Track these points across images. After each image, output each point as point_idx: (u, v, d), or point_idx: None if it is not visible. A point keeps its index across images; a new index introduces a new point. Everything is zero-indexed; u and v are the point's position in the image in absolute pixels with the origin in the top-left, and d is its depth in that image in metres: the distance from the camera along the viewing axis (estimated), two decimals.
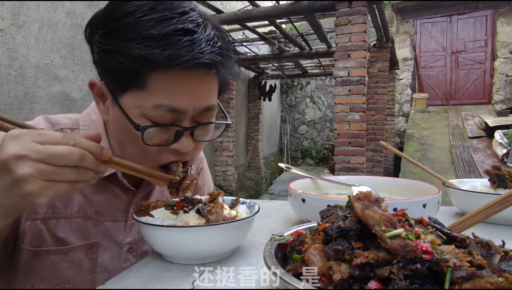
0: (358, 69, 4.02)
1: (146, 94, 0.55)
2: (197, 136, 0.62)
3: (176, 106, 0.56)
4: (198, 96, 0.58)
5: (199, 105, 0.59)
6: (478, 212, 0.52)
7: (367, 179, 1.01)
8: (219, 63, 0.56)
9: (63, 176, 0.46)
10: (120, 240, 0.73)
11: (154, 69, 0.53)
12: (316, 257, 0.39)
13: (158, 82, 0.54)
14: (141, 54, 0.51)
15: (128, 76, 0.54)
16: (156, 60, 0.51)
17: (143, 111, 0.56)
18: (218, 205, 0.63)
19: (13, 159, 0.43)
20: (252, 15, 4.63)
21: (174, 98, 0.55)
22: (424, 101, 9.27)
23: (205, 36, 0.54)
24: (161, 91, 0.55)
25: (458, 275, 0.34)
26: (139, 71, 0.53)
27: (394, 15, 9.58)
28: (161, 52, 0.51)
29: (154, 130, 0.57)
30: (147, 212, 0.62)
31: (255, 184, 7.94)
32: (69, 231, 0.68)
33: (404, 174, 5.71)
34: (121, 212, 0.73)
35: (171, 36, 0.52)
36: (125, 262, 0.73)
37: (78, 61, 3.76)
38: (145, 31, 0.52)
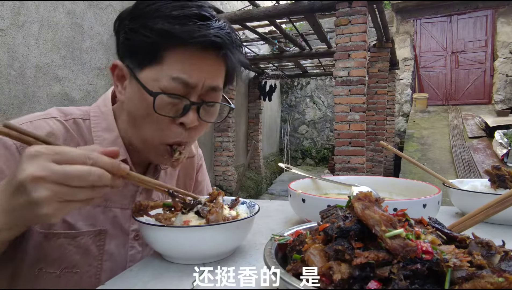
0: (358, 69, 4.02)
1: (163, 68, 0.62)
2: (202, 115, 0.67)
3: (188, 80, 0.62)
4: (207, 73, 0.64)
5: (207, 83, 0.65)
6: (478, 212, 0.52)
7: (367, 179, 1.01)
8: (227, 46, 0.64)
9: (79, 196, 0.47)
10: (126, 227, 0.74)
11: (173, 44, 0.61)
12: (316, 257, 0.39)
13: (174, 57, 0.62)
14: (164, 28, 0.60)
15: (149, 51, 0.62)
16: (176, 34, 0.60)
17: (159, 84, 0.62)
18: (218, 205, 0.63)
19: (30, 181, 0.43)
20: (252, 15, 4.63)
21: (187, 72, 0.62)
22: (424, 101, 9.27)
23: (218, 24, 0.63)
24: (177, 65, 0.62)
25: (458, 275, 0.34)
26: (159, 46, 0.61)
27: (394, 15, 9.58)
28: (180, 28, 0.60)
29: (164, 100, 0.63)
30: (145, 212, 0.62)
31: (255, 184, 7.94)
32: (78, 217, 0.69)
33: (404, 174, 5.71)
34: (128, 199, 0.75)
35: (190, 18, 0.61)
36: (131, 250, 0.74)
37: (78, 61, 3.76)
38: (168, 12, 0.61)
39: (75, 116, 0.73)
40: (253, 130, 8.57)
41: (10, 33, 3.06)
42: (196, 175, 0.95)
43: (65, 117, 0.72)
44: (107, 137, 0.72)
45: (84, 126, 0.73)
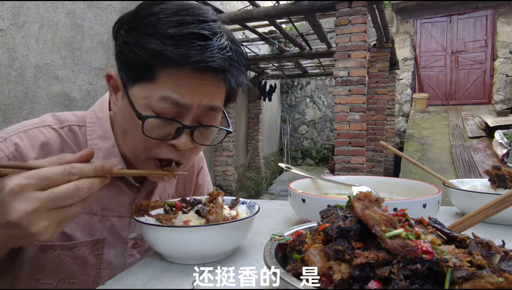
0: (358, 69, 4.02)
1: (154, 87, 0.58)
2: (196, 138, 0.63)
3: (180, 101, 0.58)
4: (203, 95, 0.60)
5: (203, 103, 0.61)
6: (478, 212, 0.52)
7: (367, 179, 1.01)
8: (227, 70, 0.59)
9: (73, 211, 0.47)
10: (125, 235, 0.73)
11: (166, 64, 0.57)
12: (316, 257, 0.39)
13: (167, 77, 0.58)
14: (156, 48, 0.55)
15: (141, 68, 0.58)
16: (167, 56, 0.55)
17: (150, 102, 0.59)
18: (218, 205, 0.63)
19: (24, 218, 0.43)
20: (252, 15, 4.63)
21: (180, 93, 0.58)
22: (424, 101, 9.27)
23: (219, 44, 0.57)
24: (169, 85, 0.58)
25: (458, 275, 0.34)
26: (152, 64, 0.57)
27: (394, 15, 9.57)
28: (173, 50, 0.55)
29: (155, 122, 0.59)
30: (146, 212, 0.62)
31: (255, 184, 7.94)
32: (75, 227, 0.68)
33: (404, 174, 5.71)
34: (126, 208, 0.73)
35: (186, 37, 0.56)
36: (129, 258, 0.73)
37: (78, 61, 3.76)
38: (163, 30, 0.56)
39: (70, 123, 0.72)
40: (253, 130, 8.57)
41: (10, 33, 3.06)
42: (196, 178, 0.94)
43: (60, 124, 0.71)
44: (103, 145, 0.70)
45: (80, 133, 0.71)
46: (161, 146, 0.63)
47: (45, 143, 0.66)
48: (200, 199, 0.68)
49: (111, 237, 0.72)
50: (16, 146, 0.63)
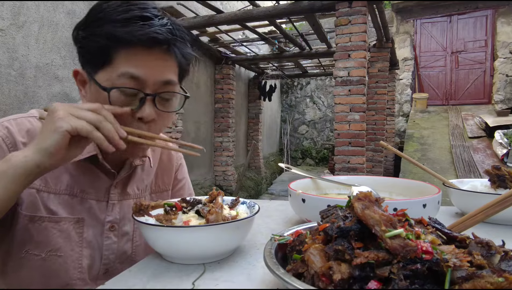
0: (358, 69, 4.02)
1: (113, 68, 0.67)
2: (159, 106, 0.71)
3: (137, 74, 0.67)
4: (156, 69, 0.69)
5: (158, 78, 0.69)
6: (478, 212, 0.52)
7: (367, 179, 1.01)
8: (171, 41, 0.68)
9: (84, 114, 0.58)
10: (102, 218, 0.79)
11: (119, 46, 0.66)
12: (316, 257, 0.39)
13: (122, 57, 0.67)
14: (108, 31, 0.65)
15: (100, 54, 0.67)
16: (119, 35, 0.65)
17: (112, 82, 0.67)
18: (218, 205, 0.63)
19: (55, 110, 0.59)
20: (252, 15, 4.63)
21: (135, 68, 0.67)
22: (424, 101, 9.27)
23: (160, 22, 0.67)
24: (125, 64, 0.67)
25: (458, 275, 0.34)
26: (108, 49, 0.66)
27: (394, 15, 9.58)
28: (122, 29, 0.65)
29: (118, 94, 0.68)
30: (146, 212, 0.62)
31: (255, 184, 7.94)
32: (59, 205, 0.74)
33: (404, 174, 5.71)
34: (103, 192, 0.79)
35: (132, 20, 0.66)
36: (106, 240, 0.79)
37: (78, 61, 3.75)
38: (113, 17, 0.66)
39: None
40: (253, 130, 8.57)
41: (10, 33, 3.06)
42: (175, 174, 0.99)
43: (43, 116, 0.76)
44: None
45: None
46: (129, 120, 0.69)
47: (31, 130, 0.74)
48: (200, 199, 0.68)
49: (90, 218, 0.77)
50: (7, 130, 0.71)
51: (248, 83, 8.46)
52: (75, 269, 0.74)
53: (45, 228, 0.72)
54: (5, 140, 0.70)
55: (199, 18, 4.78)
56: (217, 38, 5.88)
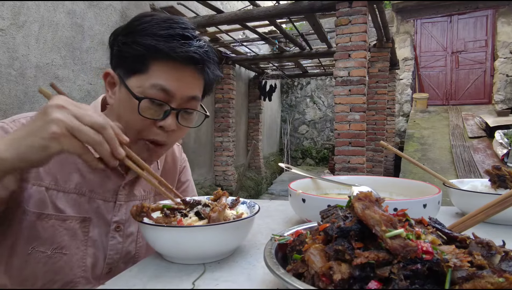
0: (359, 69, 4.02)
1: (147, 77, 0.71)
2: (180, 120, 0.75)
3: (168, 87, 0.71)
4: (186, 84, 0.74)
5: (186, 92, 0.74)
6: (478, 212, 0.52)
7: (367, 179, 1.01)
8: (205, 62, 0.74)
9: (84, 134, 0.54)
10: (109, 218, 0.80)
11: (157, 57, 0.70)
12: (316, 257, 0.39)
13: (158, 68, 0.71)
14: (151, 44, 0.69)
15: (137, 62, 0.71)
16: (160, 48, 0.69)
17: (143, 90, 0.71)
18: (222, 205, 0.63)
19: (54, 107, 0.54)
20: (252, 15, 4.63)
21: (167, 81, 0.71)
22: (424, 101, 9.26)
23: (198, 44, 0.73)
24: (159, 75, 0.71)
25: (459, 275, 0.34)
26: (146, 57, 0.70)
27: (394, 15, 9.57)
28: (165, 44, 0.70)
29: (148, 104, 0.71)
30: (148, 215, 0.62)
31: (255, 184, 7.94)
32: (66, 204, 0.75)
33: (405, 174, 5.71)
34: (111, 193, 0.80)
35: (174, 36, 0.71)
36: (112, 240, 0.80)
37: (78, 61, 3.76)
38: (156, 31, 0.71)
39: None
40: (253, 130, 8.57)
41: (10, 33, 3.06)
42: (179, 176, 1.01)
43: None
44: None
45: None
46: (151, 128, 0.74)
47: None
48: (200, 200, 0.68)
49: (97, 217, 0.78)
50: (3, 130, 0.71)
51: (248, 83, 8.46)
52: (79, 268, 0.75)
53: (52, 225, 0.73)
54: None
55: (200, 18, 4.78)
56: (217, 38, 5.88)
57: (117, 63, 0.76)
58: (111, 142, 0.56)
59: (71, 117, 0.54)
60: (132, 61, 0.72)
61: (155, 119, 0.73)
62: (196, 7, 5.30)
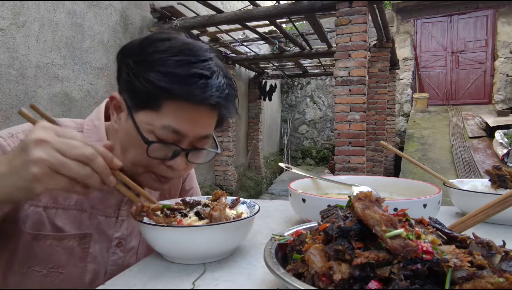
0: (359, 69, 4.02)
1: (158, 116, 0.66)
2: (190, 158, 0.71)
3: (180, 130, 0.66)
4: (199, 125, 0.69)
5: (198, 132, 0.69)
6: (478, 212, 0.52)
7: (368, 179, 1.01)
8: (222, 105, 0.68)
9: (68, 169, 0.49)
10: (110, 234, 0.78)
11: (171, 98, 0.64)
12: (317, 257, 0.39)
13: (170, 108, 0.65)
14: (165, 86, 0.63)
15: (148, 99, 0.66)
16: (175, 92, 0.64)
17: (153, 129, 0.66)
18: (222, 204, 0.63)
19: (35, 143, 0.48)
20: (252, 15, 4.62)
21: (180, 123, 0.66)
22: (424, 101, 9.26)
23: (216, 82, 0.66)
24: (171, 116, 0.65)
25: (459, 275, 0.34)
26: (159, 97, 0.65)
27: (394, 15, 9.57)
28: (180, 88, 0.63)
29: (157, 145, 0.67)
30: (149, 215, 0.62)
31: (255, 184, 7.94)
32: (66, 221, 0.73)
33: (405, 174, 5.71)
34: (113, 208, 0.78)
35: (191, 77, 0.64)
36: (113, 255, 0.78)
37: (78, 61, 3.76)
38: (171, 68, 0.64)
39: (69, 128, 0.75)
40: (253, 130, 8.56)
41: (11, 32, 3.06)
42: (183, 185, 0.99)
43: None
44: None
45: None
46: (159, 165, 0.70)
47: None
48: (200, 200, 0.68)
49: (98, 233, 0.76)
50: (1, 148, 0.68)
51: (248, 83, 8.46)
52: (76, 285, 0.73)
53: (49, 245, 0.71)
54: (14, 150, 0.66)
55: (200, 18, 4.77)
56: (217, 37, 5.88)
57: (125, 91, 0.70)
58: (101, 172, 0.53)
59: (53, 152, 0.48)
60: (143, 97, 0.66)
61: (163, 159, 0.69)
62: (196, 7, 5.30)
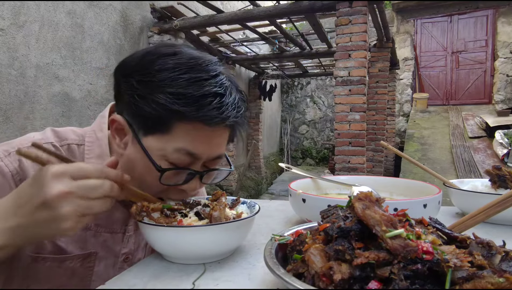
0: (359, 69, 4.02)
1: (169, 138, 0.61)
2: (204, 180, 0.69)
3: (194, 152, 0.63)
4: (213, 145, 0.66)
5: (213, 153, 0.66)
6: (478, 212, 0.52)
7: (368, 179, 1.01)
8: (239, 124, 0.66)
9: (95, 209, 0.50)
10: (117, 250, 0.75)
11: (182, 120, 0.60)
12: (317, 257, 0.39)
13: (182, 130, 0.61)
14: (178, 109, 0.58)
15: (157, 122, 0.61)
16: (188, 116, 0.59)
17: (165, 153, 0.62)
18: (221, 204, 0.63)
19: (58, 198, 0.47)
20: (252, 15, 4.63)
21: (193, 145, 0.62)
22: (424, 101, 9.26)
23: (231, 100, 0.62)
24: (184, 138, 0.61)
25: (459, 275, 0.34)
26: (170, 119, 0.60)
27: (394, 15, 9.57)
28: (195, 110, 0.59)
29: (170, 172, 0.63)
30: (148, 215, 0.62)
31: (255, 184, 7.94)
32: (69, 240, 0.70)
33: (405, 174, 5.71)
34: (119, 224, 0.75)
35: (204, 97, 0.59)
36: (119, 271, 0.75)
37: (78, 61, 3.76)
38: (181, 89, 0.59)
39: (69, 141, 0.73)
40: (253, 130, 8.57)
41: (11, 32, 3.06)
42: None
43: (60, 142, 0.72)
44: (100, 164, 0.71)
45: (78, 152, 0.73)
46: (171, 189, 0.67)
47: None
48: (199, 200, 0.68)
49: (103, 251, 0.74)
50: (20, 163, 0.65)
51: (248, 83, 8.46)
52: None
53: (49, 267, 0.69)
54: (14, 176, 0.64)
55: (200, 18, 4.77)
56: (217, 38, 5.88)
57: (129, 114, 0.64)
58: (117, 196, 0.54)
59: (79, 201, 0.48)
60: (151, 121, 0.61)
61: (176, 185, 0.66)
62: (196, 7, 5.30)
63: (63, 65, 3.59)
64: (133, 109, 0.62)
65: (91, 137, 0.74)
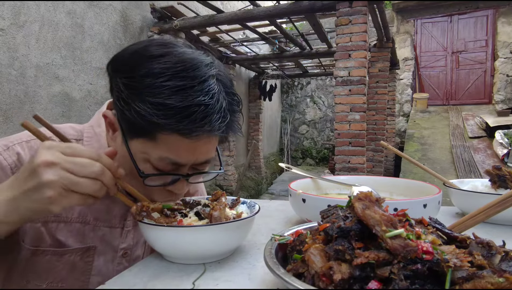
0: (359, 69, 4.02)
1: (154, 146, 0.61)
2: (191, 180, 0.68)
3: (179, 161, 0.62)
4: (199, 153, 0.64)
5: (199, 160, 0.65)
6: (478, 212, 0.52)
7: (368, 179, 1.01)
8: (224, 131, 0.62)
9: (81, 187, 0.50)
10: (116, 245, 0.76)
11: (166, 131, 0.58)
12: (317, 257, 0.39)
13: (165, 140, 0.60)
14: (157, 121, 0.56)
15: (140, 129, 0.60)
16: (170, 128, 0.57)
17: (149, 158, 0.62)
18: (222, 204, 0.63)
19: (43, 165, 0.48)
20: (252, 15, 4.63)
21: (177, 154, 0.61)
22: (424, 101, 9.26)
23: (217, 108, 0.59)
24: (167, 147, 0.60)
25: (459, 275, 0.34)
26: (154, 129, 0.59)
27: (394, 15, 9.57)
28: (175, 123, 0.57)
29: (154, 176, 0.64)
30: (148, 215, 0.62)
31: (255, 184, 7.94)
32: (68, 234, 0.70)
33: (405, 174, 5.71)
34: (118, 219, 0.75)
35: (186, 109, 0.56)
36: (118, 266, 0.76)
37: (78, 61, 3.76)
38: (164, 99, 0.56)
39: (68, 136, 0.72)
40: (254, 130, 8.57)
41: (11, 32, 3.06)
42: None
43: None
44: None
45: None
46: (159, 190, 0.67)
47: None
48: (199, 200, 0.68)
49: (102, 245, 0.74)
50: (18, 156, 0.66)
51: (248, 83, 8.46)
52: None
53: (49, 261, 0.69)
54: (14, 169, 0.64)
55: (200, 18, 4.78)
56: (217, 38, 5.88)
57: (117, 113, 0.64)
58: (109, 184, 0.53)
59: (64, 173, 0.49)
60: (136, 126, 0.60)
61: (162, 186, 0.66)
62: (196, 7, 5.30)
63: (63, 65, 3.59)
64: (120, 112, 0.62)
65: (90, 133, 0.76)
